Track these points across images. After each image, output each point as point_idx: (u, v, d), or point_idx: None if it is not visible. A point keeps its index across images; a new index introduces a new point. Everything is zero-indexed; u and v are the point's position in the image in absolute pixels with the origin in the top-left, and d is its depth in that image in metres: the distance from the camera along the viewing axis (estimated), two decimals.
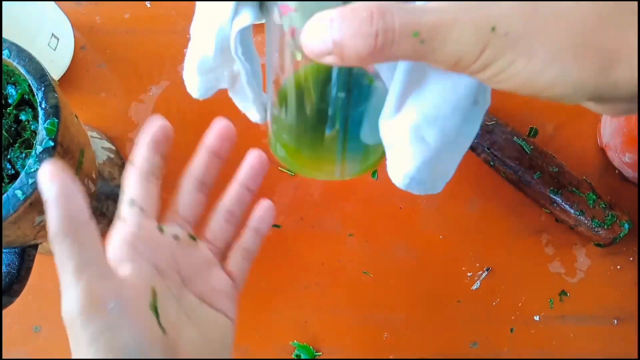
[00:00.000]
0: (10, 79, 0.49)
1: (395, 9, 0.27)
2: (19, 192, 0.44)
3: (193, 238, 0.45)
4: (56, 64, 0.64)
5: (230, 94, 0.41)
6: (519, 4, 0.26)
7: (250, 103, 0.40)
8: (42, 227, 0.50)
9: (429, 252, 0.62)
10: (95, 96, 0.66)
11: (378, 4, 0.27)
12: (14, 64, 0.47)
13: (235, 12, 0.33)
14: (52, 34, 0.60)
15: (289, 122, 0.39)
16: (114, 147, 0.64)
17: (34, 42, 0.58)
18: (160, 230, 0.43)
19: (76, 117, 0.52)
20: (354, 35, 0.27)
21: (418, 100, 0.33)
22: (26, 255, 0.52)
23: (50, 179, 0.31)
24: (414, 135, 0.34)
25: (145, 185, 0.43)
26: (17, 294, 0.52)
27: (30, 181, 0.45)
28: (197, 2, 0.35)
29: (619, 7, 0.25)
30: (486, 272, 0.61)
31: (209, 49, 0.35)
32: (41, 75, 0.47)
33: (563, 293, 0.61)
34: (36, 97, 0.46)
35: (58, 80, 0.65)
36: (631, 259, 0.61)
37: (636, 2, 0.25)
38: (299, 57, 0.34)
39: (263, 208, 0.48)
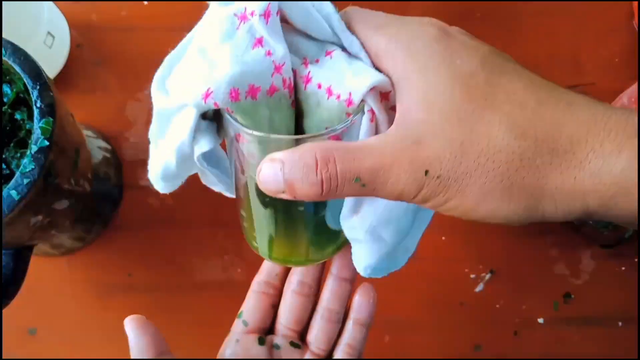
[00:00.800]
0: (6, 77, 0.49)
1: (337, 154, 0.29)
2: (14, 193, 0.44)
3: (294, 345, 0.44)
4: (52, 63, 0.63)
5: (203, 181, 0.40)
6: (449, 145, 0.27)
7: (223, 190, 0.40)
8: (37, 228, 0.49)
9: (431, 254, 0.61)
10: (91, 95, 0.65)
11: (322, 149, 0.29)
12: (9, 62, 0.47)
13: (194, 139, 0.33)
14: (48, 32, 0.60)
15: (255, 222, 0.39)
16: (110, 147, 0.63)
17: (30, 41, 0.58)
18: (261, 342, 0.43)
19: (72, 116, 0.52)
20: (302, 181, 0.29)
21: (372, 205, 0.35)
22: (21, 256, 0.52)
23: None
24: (370, 235, 0.36)
25: (255, 297, 0.45)
26: (12, 296, 0.51)
27: (25, 181, 0.44)
28: (154, 108, 0.34)
29: (540, 149, 0.27)
30: (490, 274, 0.61)
31: (171, 160, 0.34)
32: (36, 73, 0.47)
33: (567, 295, 0.60)
34: (31, 95, 0.46)
35: (54, 79, 0.64)
36: (636, 260, 0.61)
37: (556, 141, 0.27)
38: (256, 180, 0.32)
39: (360, 294, 0.45)
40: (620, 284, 0.60)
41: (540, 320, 0.60)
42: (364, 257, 0.38)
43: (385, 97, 0.31)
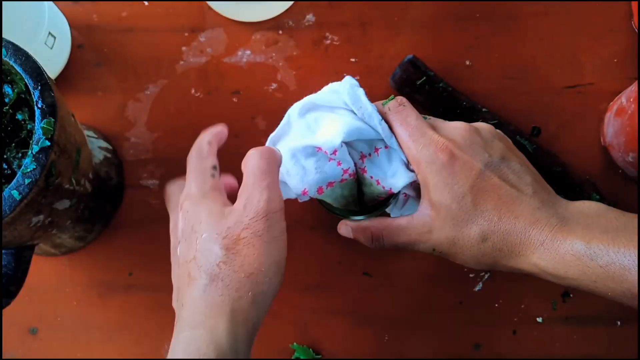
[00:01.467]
0: (7, 78, 0.49)
1: (384, 233, 0.51)
2: (15, 193, 0.44)
3: None
4: (53, 63, 0.64)
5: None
6: (446, 239, 0.48)
7: None
8: (38, 228, 0.49)
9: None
10: (92, 95, 0.66)
11: (375, 229, 0.51)
12: (11, 63, 0.47)
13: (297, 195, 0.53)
14: (49, 33, 0.60)
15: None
16: (110, 147, 0.63)
17: (31, 41, 0.58)
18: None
19: (73, 116, 0.51)
20: (364, 241, 0.52)
21: (409, 209, 0.56)
22: (22, 256, 0.52)
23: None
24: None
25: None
26: (13, 295, 0.51)
27: (26, 181, 0.44)
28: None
29: (494, 248, 0.47)
30: (488, 274, 0.61)
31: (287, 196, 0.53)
32: (38, 74, 0.47)
33: (566, 294, 0.60)
34: (33, 96, 0.46)
35: (55, 79, 0.64)
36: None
37: (503, 246, 0.47)
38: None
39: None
40: None
41: (539, 319, 0.60)
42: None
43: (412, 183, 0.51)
